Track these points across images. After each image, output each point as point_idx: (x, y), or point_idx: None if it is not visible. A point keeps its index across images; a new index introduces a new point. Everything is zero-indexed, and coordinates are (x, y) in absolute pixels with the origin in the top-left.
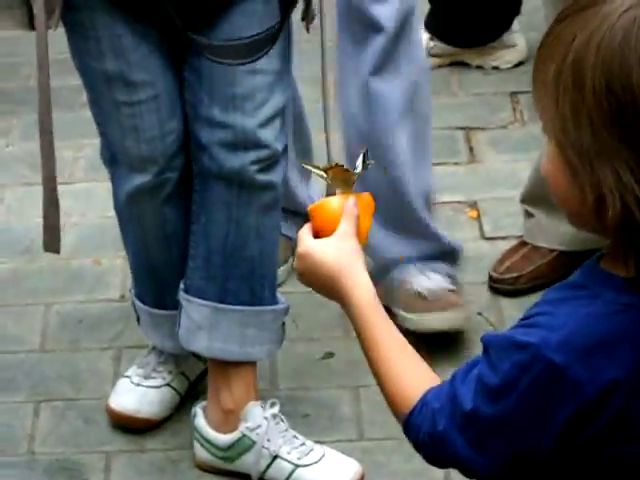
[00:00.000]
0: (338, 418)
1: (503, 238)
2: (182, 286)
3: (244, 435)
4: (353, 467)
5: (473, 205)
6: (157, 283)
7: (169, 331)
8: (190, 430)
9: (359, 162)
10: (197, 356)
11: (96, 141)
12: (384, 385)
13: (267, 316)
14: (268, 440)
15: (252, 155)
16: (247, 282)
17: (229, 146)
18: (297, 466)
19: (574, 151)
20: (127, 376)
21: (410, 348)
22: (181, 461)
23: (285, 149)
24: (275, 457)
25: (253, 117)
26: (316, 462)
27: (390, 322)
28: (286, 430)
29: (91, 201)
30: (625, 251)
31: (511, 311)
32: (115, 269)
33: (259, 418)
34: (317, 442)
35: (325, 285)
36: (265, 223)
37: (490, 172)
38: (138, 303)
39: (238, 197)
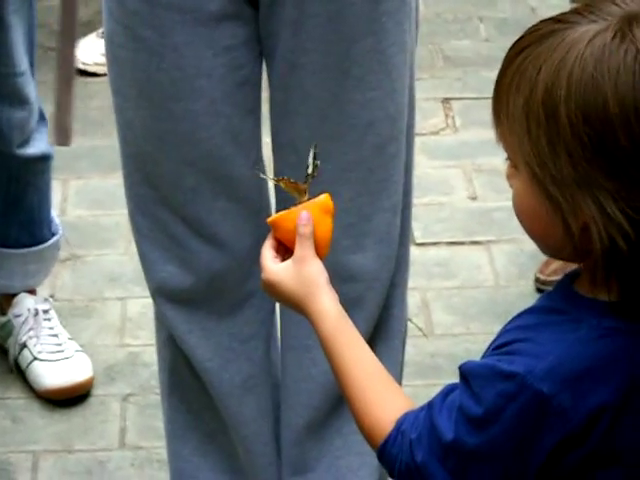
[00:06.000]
0: None
1: (434, 244)
2: None
3: (9, 320)
4: (83, 374)
5: None
6: None
7: None
8: (119, 431)
9: (309, 160)
10: None
11: None
12: (356, 413)
13: (46, 252)
14: (29, 329)
15: (18, 139)
16: (27, 228)
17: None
18: (35, 358)
19: (554, 184)
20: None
21: (380, 372)
22: (108, 462)
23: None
24: (23, 346)
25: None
26: (52, 360)
27: (359, 345)
28: (50, 328)
29: None
30: (608, 276)
31: (440, 316)
32: None
33: (24, 309)
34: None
35: (296, 311)
36: (42, 178)
37: (421, 178)
38: None
39: (17, 162)
